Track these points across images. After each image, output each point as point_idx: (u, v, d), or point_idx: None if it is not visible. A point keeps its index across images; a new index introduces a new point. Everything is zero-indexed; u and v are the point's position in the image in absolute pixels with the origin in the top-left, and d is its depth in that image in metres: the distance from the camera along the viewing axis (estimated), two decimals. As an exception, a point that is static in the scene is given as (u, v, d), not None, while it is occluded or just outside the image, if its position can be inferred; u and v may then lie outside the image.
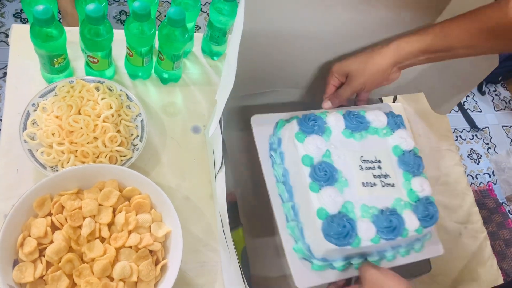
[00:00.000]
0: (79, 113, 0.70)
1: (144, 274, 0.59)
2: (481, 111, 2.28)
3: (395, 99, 0.97)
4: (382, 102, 0.90)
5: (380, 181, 0.65)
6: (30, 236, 0.58)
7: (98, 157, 0.69)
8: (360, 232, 0.60)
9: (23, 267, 0.57)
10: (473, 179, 2.04)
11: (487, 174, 2.09)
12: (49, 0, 0.70)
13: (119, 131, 0.72)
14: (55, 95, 0.72)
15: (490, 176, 2.08)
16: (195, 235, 0.73)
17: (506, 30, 0.57)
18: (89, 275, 0.58)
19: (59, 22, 0.68)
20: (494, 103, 2.34)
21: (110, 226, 0.63)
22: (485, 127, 2.23)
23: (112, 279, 0.59)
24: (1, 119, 0.76)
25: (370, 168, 0.66)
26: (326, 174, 0.62)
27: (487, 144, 2.18)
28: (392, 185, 0.66)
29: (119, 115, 0.74)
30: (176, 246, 0.62)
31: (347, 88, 0.70)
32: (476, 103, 2.30)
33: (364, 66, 0.67)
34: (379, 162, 0.67)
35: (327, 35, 0.69)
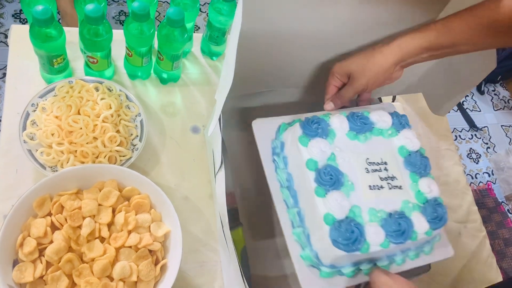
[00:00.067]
0: (79, 113, 0.70)
1: (143, 274, 0.60)
2: (480, 111, 2.28)
3: (394, 99, 0.97)
4: (381, 102, 0.90)
5: (387, 183, 0.64)
6: (29, 236, 0.58)
7: (97, 157, 0.69)
8: (369, 237, 0.58)
9: (22, 267, 0.57)
10: (472, 178, 2.04)
11: (486, 173, 2.09)
12: (48, 1, 0.70)
13: (118, 131, 0.72)
14: (55, 95, 0.72)
15: (489, 176, 2.08)
16: (195, 235, 0.73)
17: (503, 26, 0.57)
18: (89, 275, 0.58)
19: (58, 22, 0.68)
20: (493, 102, 2.34)
21: (110, 226, 0.63)
22: (484, 127, 2.23)
23: (112, 279, 0.59)
24: (0, 120, 0.76)
25: (376, 170, 0.64)
26: (332, 178, 0.60)
27: (486, 143, 2.18)
28: (400, 187, 0.64)
29: (119, 115, 0.74)
30: (176, 246, 0.62)
31: (350, 88, 0.69)
32: (475, 103, 2.30)
33: (366, 66, 0.66)
34: (385, 164, 0.65)
35: (326, 34, 0.69)
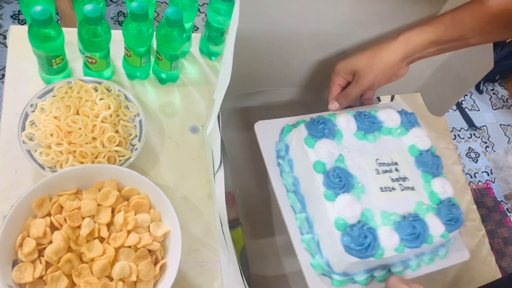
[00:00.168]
0: (78, 113, 0.70)
1: (143, 273, 0.59)
2: (479, 110, 2.29)
3: (392, 99, 0.97)
4: (380, 101, 0.90)
5: (399, 184, 0.61)
6: (29, 236, 0.58)
7: (96, 157, 0.69)
8: (383, 241, 0.55)
9: (22, 268, 0.57)
10: (471, 177, 2.05)
11: (485, 172, 2.09)
12: (47, 1, 0.70)
13: (117, 131, 0.72)
14: (54, 96, 0.72)
15: (488, 175, 2.09)
16: (194, 234, 0.73)
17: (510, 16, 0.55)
18: (88, 275, 0.58)
19: (57, 23, 0.68)
20: (492, 102, 2.35)
21: (109, 226, 0.63)
22: (483, 126, 2.24)
23: (111, 279, 0.59)
24: (-1, 120, 0.76)
25: (387, 171, 0.62)
26: (341, 181, 0.57)
27: (485, 142, 2.18)
28: (412, 188, 0.61)
29: (118, 116, 0.74)
30: (175, 246, 0.61)
31: (356, 86, 0.66)
32: (474, 102, 2.31)
33: (372, 62, 0.63)
34: (396, 164, 0.63)
35: (325, 32, 0.68)
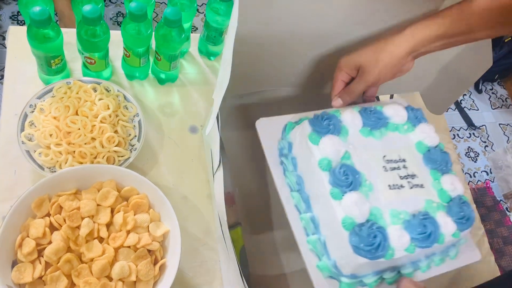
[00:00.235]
0: (77, 114, 0.70)
1: (142, 273, 0.60)
2: (478, 109, 2.29)
3: (391, 98, 0.97)
4: (379, 100, 0.90)
5: (408, 182, 0.59)
6: (28, 236, 0.58)
7: (96, 157, 0.69)
8: (393, 241, 0.53)
9: (22, 268, 0.57)
10: (470, 177, 2.05)
11: (485, 172, 2.09)
12: (46, 2, 0.70)
13: (116, 132, 0.72)
14: (53, 96, 0.72)
15: (487, 174, 2.09)
16: (194, 234, 0.73)
17: None
18: (88, 275, 0.58)
19: (56, 23, 0.68)
20: (491, 101, 2.35)
21: (109, 226, 0.63)
22: (482, 125, 2.24)
23: (111, 279, 0.59)
24: (-2, 121, 0.76)
25: (395, 168, 0.60)
26: (348, 178, 0.55)
27: (485, 142, 2.19)
28: (421, 185, 0.60)
29: (117, 116, 0.74)
30: (175, 246, 0.62)
31: (360, 82, 0.64)
32: (473, 101, 2.31)
33: (377, 57, 0.61)
34: (404, 161, 0.61)
35: (324, 29, 0.68)
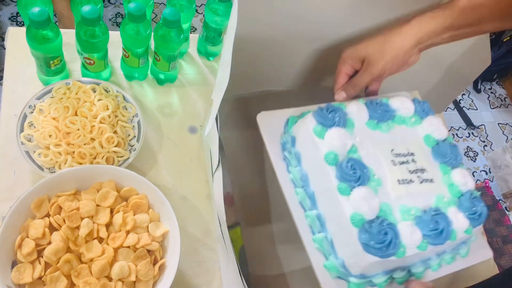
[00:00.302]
0: (76, 114, 0.70)
1: (142, 273, 0.60)
2: (477, 109, 2.29)
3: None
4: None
5: (417, 176, 0.57)
6: (28, 237, 0.58)
7: (95, 158, 0.70)
8: (405, 238, 0.51)
9: (21, 268, 0.57)
10: (470, 176, 2.05)
11: (484, 171, 2.09)
12: (45, 3, 0.70)
13: (116, 132, 0.72)
14: (52, 97, 0.72)
15: (486, 174, 2.09)
16: (193, 234, 0.73)
17: None
18: (87, 275, 0.58)
19: (55, 24, 0.68)
20: (489, 100, 2.35)
21: (108, 226, 0.63)
22: (481, 125, 2.24)
23: (110, 279, 0.59)
24: (-2, 122, 0.76)
25: (403, 162, 0.58)
26: (356, 173, 0.53)
27: (483, 141, 2.19)
28: (431, 180, 0.58)
29: (116, 116, 0.74)
30: (174, 246, 0.62)
31: (365, 74, 0.62)
32: (472, 101, 2.31)
33: (383, 48, 0.59)
34: (412, 155, 0.59)
35: (325, 30, 0.68)
